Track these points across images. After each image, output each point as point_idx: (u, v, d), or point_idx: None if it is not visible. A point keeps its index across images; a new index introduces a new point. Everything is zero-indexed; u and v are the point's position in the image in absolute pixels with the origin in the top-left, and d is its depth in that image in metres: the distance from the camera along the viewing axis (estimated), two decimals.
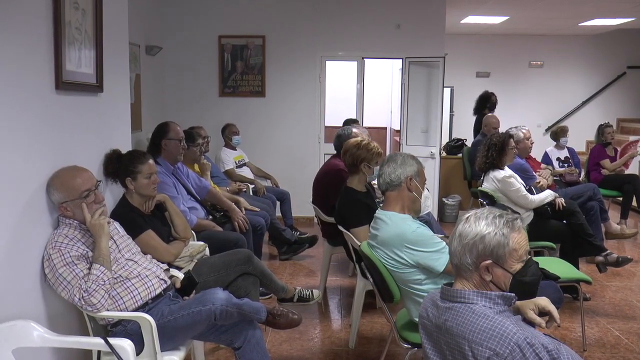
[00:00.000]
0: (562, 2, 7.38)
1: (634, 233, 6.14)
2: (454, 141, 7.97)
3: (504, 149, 4.57)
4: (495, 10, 8.00)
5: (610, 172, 7.01)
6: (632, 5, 7.61)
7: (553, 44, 10.68)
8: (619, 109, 10.88)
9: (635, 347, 3.85)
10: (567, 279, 3.70)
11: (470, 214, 1.88)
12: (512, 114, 9.44)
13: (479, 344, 1.68)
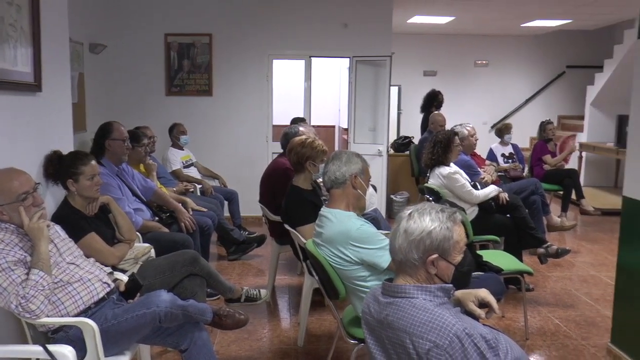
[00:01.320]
0: (505, 3, 7.58)
1: (573, 225, 6.36)
2: (402, 139, 8.08)
3: (449, 146, 4.67)
4: (441, 10, 8.16)
5: (552, 167, 7.24)
6: (569, 8, 7.90)
7: (497, 44, 10.97)
8: (560, 106, 11.26)
9: (572, 334, 4.01)
10: (510, 270, 3.81)
11: (410, 210, 1.90)
12: (458, 111, 9.66)
13: (420, 337, 1.71)
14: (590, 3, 7.44)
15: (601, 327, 4.09)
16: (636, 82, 3.51)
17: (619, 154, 8.35)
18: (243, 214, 6.31)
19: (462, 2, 7.56)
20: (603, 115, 9.49)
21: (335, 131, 11.18)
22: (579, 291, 4.90)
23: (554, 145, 7.48)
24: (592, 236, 6.85)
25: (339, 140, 10.70)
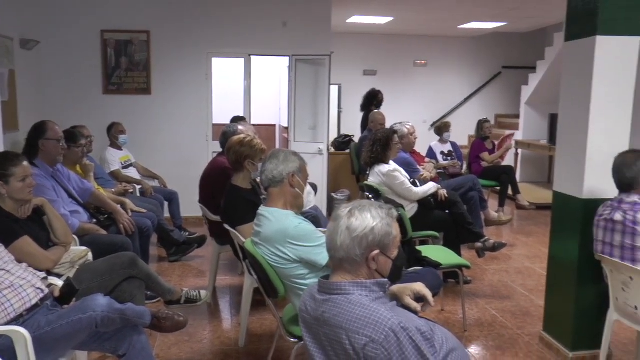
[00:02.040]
0: (442, 5, 7.76)
1: (509, 219, 6.58)
2: (342, 137, 8.16)
3: (388, 144, 4.74)
4: (380, 11, 8.28)
5: (489, 164, 7.47)
6: (502, 11, 8.17)
7: (436, 44, 11.22)
8: (497, 105, 11.63)
9: (508, 324, 4.15)
10: (448, 265, 3.92)
11: (349, 207, 1.92)
12: (398, 110, 9.81)
13: (356, 332, 1.72)
14: (520, 7, 7.70)
15: (535, 316, 4.26)
16: (564, 82, 3.67)
17: (551, 151, 8.68)
18: (184, 214, 6.22)
19: (399, 3, 7.69)
20: (537, 114, 9.85)
21: (276, 130, 11.17)
22: (514, 283, 5.07)
23: (491, 143, 7.71)
24: (528, 230, 7.11)
25: (280, 139, 10.70)
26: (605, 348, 3.35)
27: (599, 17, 3.28)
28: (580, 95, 3.44)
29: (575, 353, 3.54)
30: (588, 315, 3.51)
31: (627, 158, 3.18)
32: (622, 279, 3.11)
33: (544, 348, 3.76)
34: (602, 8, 3.28)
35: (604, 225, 3.24)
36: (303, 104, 7.42)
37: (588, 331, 3.51)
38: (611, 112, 3.40)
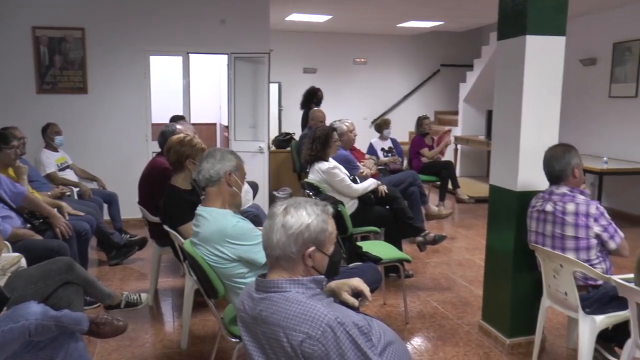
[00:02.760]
0: (379, 4, 7.85)
1: (450, 213, 6.74)
2: (283, 135, 8.17)
3: (328, 142, 4.77)
4: (319, 9, 8.30)
5: (429, 159, 7.63)
6: (440, 11, 8.34)
7: (375, 42, 11.35)
8: (436, 102, 11.87)
9: (449, 315, 4.27)
10: (389, 259, 3.99)
11: (285, 205, 1.92)
12: (339, 108, 9.90)
13: (293, 329, 1.73)
14: (456, 7, 7.88)
15: (474, 306, 4.38)
16: (498, 80, 3.79)
17: (489, 146, 8.87)
18: (124, 216, 6.09)
19: (338, 2, 7.73)
20: (474, 111, 10.12)
21: (216, 129, 11.07)
22: (455, 274, 5.21)
23: (431, 139, 7.87)
24: (468, 222, 7.30)
25: (221, 138, 10.61)
26: (539, 333, 3.49)
27: (528, 17, 3.41)
28: (513, 92, 3.56)
29: (512, 340, 3.67)
30: (523, 302, 3.64)
31: (556, 152, 3.31)
32: (553, 267, 3.24)
33: (483, 336, 3.87)
34: (531, 9, 3.40)
35: (537, 216, 3.37)
36: (243, 102, 7.38)
37: (524, 318, 3.65)
38: (541, 108, 3.53)
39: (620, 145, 7.73)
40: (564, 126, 8.52)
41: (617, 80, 7.86)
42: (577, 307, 3.13)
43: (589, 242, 3.18)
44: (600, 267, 3.20)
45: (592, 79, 8.28)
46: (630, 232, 4.60)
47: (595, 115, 8.23)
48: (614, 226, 3.21)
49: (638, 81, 7.51)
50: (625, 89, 7.72)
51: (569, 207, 3.20)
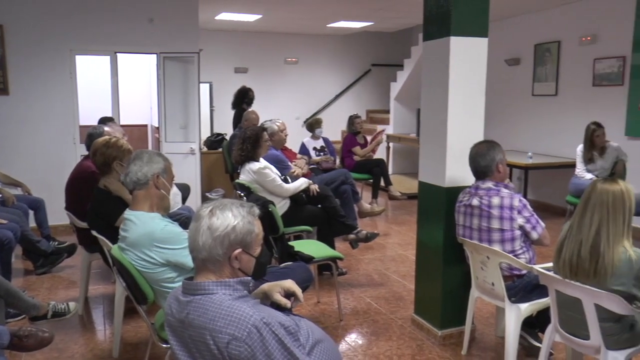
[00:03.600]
0: (309, 4, 7.88)
1: (382, 210, 6.86)
2: (215, 136, 8.09)
3: (258, 142, 4.76)
4: (248, 8, 8.26)
5: (361, 157, 7.73)
6: (370, 11, 8.46)
7: (306, 42, 11.40)
8: (368, 101, 12.04)
9: (382, 310, 4.34)
10: (321, 257, 4.02)
11: (210, 207, 1.90)
12: (271, 107, 9.90)
13: (219, 332, 1.72)
14: (385, 7, 8.03)
15: (407, 300, 4.48)
16: (424, 79, 3.89)
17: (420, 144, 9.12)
18: (52, 222, 5.83)
19: (267, 1, 7.72)
20: (405, 109, 10.32)
21: (148, 130, 10.83)
22: (388, 270, 5.30)
23: (363, 138, 7.98)
24: (400, 219, 7.45)
25: (152, 140, 10.39)
26: (469, 323, 3.62)
27: (452, 19, 3.51)
28: (439, 92, 3.66)
29: (443, 331, 3.78)
30: (453, 295, 3.76)
31: (481, 148, 3.43)
32: (480, 259, 3.36)
33: (416, 329, 3.97)
34: (454, 11, 3.51)
35: (464, 211, 3.48)
36: (173, 103, 7.25)
37: (454, 310, 3.76)
38: (467, 106, 3.65)
39: (544, 141, 8.08)
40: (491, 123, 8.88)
41: (539, 79, 8.22)
42: (503, 296, 3.26)
43: (513, 233, 3.31)
44: (524, 257, 3.34)
45: (516, 79, 8.62)
46: (552, 222, 4.84)
47: (520, 112, 8.58)
48: (536, 217, 3.36)
49: (557, 80, 7.88)
50: (546, 88, 8.09)
51: (494, 200, 3.32)
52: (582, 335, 2.71)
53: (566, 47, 7.74)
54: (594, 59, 7.26)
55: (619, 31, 6.84)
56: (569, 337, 2.81)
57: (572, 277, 2.64)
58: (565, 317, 2.80)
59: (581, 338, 2.73)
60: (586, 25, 7.36)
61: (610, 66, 7.04)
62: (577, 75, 7.56)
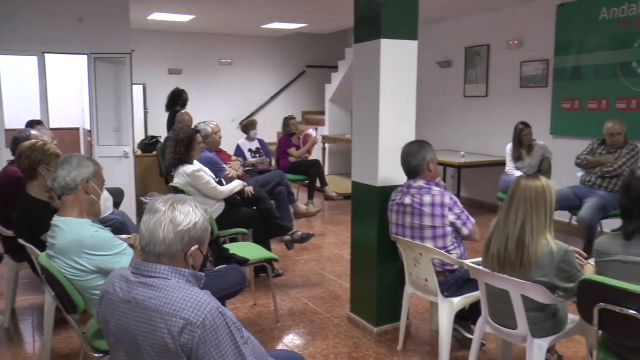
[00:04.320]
0: (242, 5, 7.85)
1: (318, 210, 6.90)
2: (149, 139, 7.92)
3: (191, 144, 4.69)
4: (180, 8, 8.14)
5: (297, 159, 7.76)
6: (303, 13, 8.50)
7: (241, 43, 11.34)
8: (303, 102, 12.10)
9: (319, 309, 4.38)
10: (256, 259, 4.02)
11: (169, 201, 1.85)
12: (205, 109, 9.79)
13: (173, 315, 1.68)
14: (318, 9, 8.10)
15: (343, 299, 4.53)
16: (356, 81, 3.95)
17: None
18: None
19: (200, 2, 7.63)
20: (340, 110, 10.43)
21: (80, 133, 10.48)
22: (324, 270, 5.35)
23: (298, 139, 8.02)
24: (336, 219, 7.53)
25: (85, 143, 10.07)
26: (404, 319, 3.71)
27: (382, 22, 3.59)
28: (370, 93, 3.73)
29: (379, 328, 3.85)
30: (388, 292, 3.83)
31: (412, 148, 3.52)
32: (413, 256, 3.45)
33: (352, 327, 4.02)
34: (384, 14, 3.58)
35: (396, 209, 3.56)
36: (105, 105, 7.05)
37: (389, 306, 3.84)
38: (398, 107, 3.73)
39: (475, 140, 8.35)
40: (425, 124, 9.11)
41: (470, 81, 8.49)
42: (436, 291, 3.36)
43: (444, 230, 3.42)
44: (455, 253, 3.45)
45: (448, 80, 8.87)
46: (484, 218, 5.00)
47: (453, 113, 8.84)
48: (466, 214, 3.48)
49: (487, 82, 8.17)
50: (477, 89, 8.37)
51: (425, 198, 3.42)
52: (510, 325, 2.83)
53: (495, 50, 8.04)
54: (520, 61, 7.57)
55: (543, 36, 7.16)
56: (498, 328, 2.93)
57: (500, 270, 2.75)
58: (495, 308, 2.92)
59: (509, 328, 2.85)
60: (513, 29, 7.67)
61: (535, 69, 7.36)
62: (505, 77, 7.86)
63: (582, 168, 5.74)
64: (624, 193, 2.58)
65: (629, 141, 5.50)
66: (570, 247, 2.74)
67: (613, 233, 2.63)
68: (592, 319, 2.46)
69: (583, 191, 5.62)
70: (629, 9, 6.14)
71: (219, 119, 6.38)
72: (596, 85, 6.57)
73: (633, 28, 6.10)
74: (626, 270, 2.47)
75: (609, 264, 2.55)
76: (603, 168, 5.48)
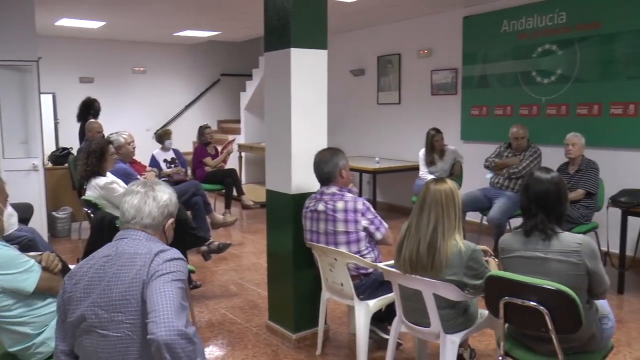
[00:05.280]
0: (153, 12, 7.69)
1: (235, 219, 6.85)
2: (60, 150, 7.59)
3: (104, 155, 4.55)
4: (90, 14, 7.87)
5: (213, 168, 7.68)
6: (217, 21, 8.44)
7: (154, 51, 11.08)
8: (218, 111, 11.98)
9: (238, 319, 4.35)
10: None
11: (141, 185, 2.18)
12: (119, 119, 9.50)
13: (149, 251, 1.98)
14: (231, 18, 8.07)
15: (262, 307, 4.52)
16: (267, 90, 3.97)
17: None
18: None
19: (109, 8, 7.41)
20: (256, 118, 10.42)
21: None
22: (243, 279, 5.32)
23: (214, 148, 7.94)
24: (254, 227, 7.50)
25: None
26: (322, 324, 3.75)
27: (292, 31, 3.62)
28: (282, 102, 3.76)
29: (297, 334, 3.87)
30: (305, 298, 3.86)
31: (325, 155, 3.58)
32: (328, 261, 3.50)
33: (271, 335, 4.02)
34: (294, 23, 3.62)
35: (310, 216, 3.60)
36: (11, 116, 6.62)
37: (307, 312, 3.87)
38: (310, 115, 3.78)
39: (390, 147, 8.57)
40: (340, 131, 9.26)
41: (383, 89, 8.71)
42: (352, 295, 3.42)
43: (358, 235, 3.48)
44: (369, 257, 3.52)
45: (362, 88, 9.06)
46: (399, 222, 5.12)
47: (367, 120, 9.03)
48: (379, 219, 3.57)
49: (400, 90, 8.41)
50: (390, 97, 8.60)
51: (338, 205, 3.47)
52: (424, 323, 2.93)
53: (406, 59, 8.29)
54: (431, 70, 7.85)
55: (451, 46, 7.47)
56: (413, 327, 3.03)
57: (413, 272, 2.85)
58: (409, 308, 3.01)
59: (423, 326, 2.96)
60: (423, 39, 7.95)
61: (445, 77, 7.66)
62: (417, 85, 8.13)
63: (490, 170, 6.04)
64: (524, 193, 2.74)
65: (532, 144, 5.84)
66: (478, 247, 2.88)
67: (515, 231, 2.79)
68: (498, 312, 2.60)
69: (492, 193, 5.90)
70: (527, 22, 6.53)
71: (134, 129, 6.21)
72: (501, 92, 6.92)
73: (531, 40, 6.49)
74: (526, 265, 2.62)
75: (511, 260, 2.70)
76: (510, 170, 5.80)
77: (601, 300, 2.77)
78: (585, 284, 2.55)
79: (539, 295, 2.44)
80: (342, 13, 7.46)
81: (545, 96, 6.41)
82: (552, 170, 2.79)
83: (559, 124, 6.20)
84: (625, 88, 5.68)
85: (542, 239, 2.61)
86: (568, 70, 6.16)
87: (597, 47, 5.89)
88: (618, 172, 5.68)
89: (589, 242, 2.57)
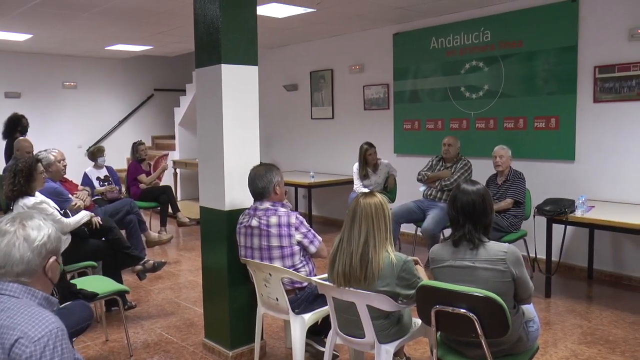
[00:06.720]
0: (82, 25, 7.51)
1: (170, 237, 6.76)
2: None
3: (32, 174, 4.36)
4: (14, 26, 7.58)
5: (147, 185, 7.55)
6: (148, 35, 8.32)
7: (85, 65, 10.82)
8: (152, 127, 11.80)
9: (174, 339, 4.28)
10: (106, 293, 3.86)
11: (14, 218, 1.82)
12: (49, 136, 9.24)
13: (12, 328, 1.62)
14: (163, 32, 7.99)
15: (198, 325, 4.46)
16: (199, 106, 3.97)
17: None
18: None
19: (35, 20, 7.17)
20: (190, 134, 10.31)
21: None
22: (179, 298, 5.23)
23: (148, 165, 7.80)
24: (190, 244, 7.40)
25: None
26: (258, 340, 3.75)
27: (222, 47, 3.63)
28: (214, 117, 3.76)
29: (234, 351, 3.84)
30: (241, 314, 3.85)
31: (259, 171, 3.59)
32: (263, 277, 3.50)
33: (207, 353, 3.98)
34: (224, 40, 3.64)
35: (244, 232, 3.60)
36: None
37: (243, 329, 3.86)
38: (242, 131, 3.79)
39: (324, 161, 8.67)
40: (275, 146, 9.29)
41: (317, 104, 8.81)
42: (287, 309, 3.43)
43: (292, 249, 3.51)
44: (304, 270, 3.55)
45: (295, 103, 9.13)
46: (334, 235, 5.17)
47: (302, 135, 9.10)
48: (312, 232, 3.60)
49: (333, 105, 8.53)
50: (323, 112, 8.71)
51: (272, 220, 3.49)
52: (359, 334, 2.98)
53: (339, 75, 8.43)
54: (363, 85, 8.01)
55: (382, 62, 7.66)
56: (347, 338, 3.07)
57: (346, 285, 2.89)
58: (343, 320, 3.05)
59: (358, 337, 3.00)
60: (355, 55, 8.11)
61: (377, 92, 7.83)
62: (350, 100, 8.27)
63: (423, 183, 6.21)
64: (451, 205, 2.84)
65: (462, 157, 6.05)
66: (409, 257, 2.96)
67: (444, 241, 2.88)
68: (430, 320, 2.68)
69: (426, 204, 6.06)
70: (454, 40, 6.78)
71: (65, 145, 6.03)
72: (432, 107, 7.14)
73: (459, 57, 6.74)
74: (456, 274, 2.71)
75: (441, 269, 2.79)
76: (442, 182, 5.98)
77: (527, 305, 2.90)
78: (511, 290, 2.67)
79: (468, 303, 2.54)
80: (273, 28, 7.52)
81: (474, 110, 6.66)
82: (478, 182, 2.90)
83: (487, 137, 6.45)
84: (546, 103, 5.98)
85: (470, 249, 2.71)
86: (494, 85, 6.43)
87: (520, 64, 6.18)
88: (543, 182, 5.96)
89: (514, 250, 2.69)
